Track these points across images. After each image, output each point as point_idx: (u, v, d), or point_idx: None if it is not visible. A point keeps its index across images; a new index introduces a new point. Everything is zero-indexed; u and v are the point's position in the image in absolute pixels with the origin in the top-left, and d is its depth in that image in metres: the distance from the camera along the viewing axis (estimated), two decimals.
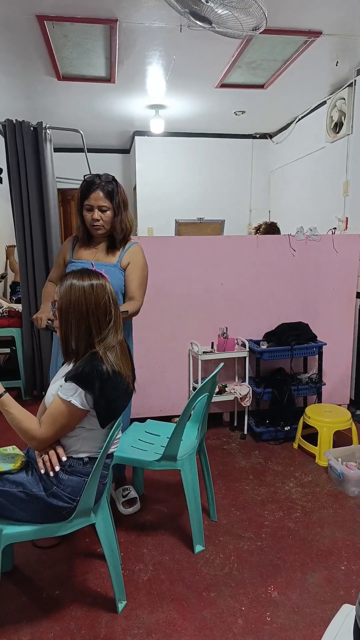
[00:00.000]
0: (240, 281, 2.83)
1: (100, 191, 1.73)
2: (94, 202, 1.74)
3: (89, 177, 1.79)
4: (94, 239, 1.86)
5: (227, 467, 2.40)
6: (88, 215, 1.77)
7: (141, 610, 1.46)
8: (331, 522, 1.91)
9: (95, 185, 1.74)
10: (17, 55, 2.81)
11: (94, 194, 1.73)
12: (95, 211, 1.75)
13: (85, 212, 1.78)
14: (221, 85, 3.34)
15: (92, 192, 1.74)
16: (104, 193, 1.74)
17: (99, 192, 1.73)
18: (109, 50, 2.75)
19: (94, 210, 1.75)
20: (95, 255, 1.84)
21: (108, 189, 1.75)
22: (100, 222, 1.77)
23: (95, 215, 1.75)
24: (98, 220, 1.76)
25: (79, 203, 1.79)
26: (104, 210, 1.76)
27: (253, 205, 4.97)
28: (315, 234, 2.87)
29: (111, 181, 1.78)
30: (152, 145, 4.69)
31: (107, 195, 1.74)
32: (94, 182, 1.75)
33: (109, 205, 1.75)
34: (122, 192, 1.80)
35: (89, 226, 1.80)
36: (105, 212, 1.76)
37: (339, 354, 3.00)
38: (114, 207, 1.77)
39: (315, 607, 1.47)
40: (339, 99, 3.29)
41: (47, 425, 1.28)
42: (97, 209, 1.75)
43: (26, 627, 1.40)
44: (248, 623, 1.41)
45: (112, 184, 1.77)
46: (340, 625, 0.99)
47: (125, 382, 1.34)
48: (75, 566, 1.67)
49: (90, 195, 1.74)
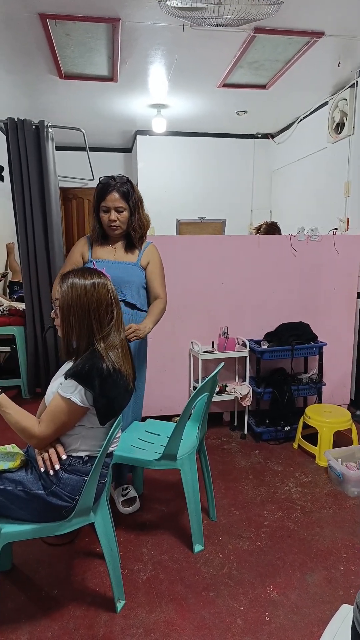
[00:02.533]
0: (241, 281, 2.83)
1: (116, 192, 1.79)
2: (110, 203, 1.79)
3: (104, 179, 1.84)
4: (111, 239, 1.91)
5: (227, 466, 2.39)
6: (105, 217, 1.82)
7: (140, 609, 1.46)
8: (331, 523, 1.91)
9: (111, 187, 1.79)
10: (19, 54, 2.81)
11: (110, 195, 1.79)
12: (112, 212, 1.80)
13: (102, 214, 1.83)
14: (223, 85, 3.34)
15: (108, 194, 1.79)
16: (120, 194, 1.79)
17: (115, 193, 1.79)
18: (111, 49, 2.75)
19: (111, 211, 1.80)
20: (115, 254, 1.89)
21: (124, 190, 1.80)
22: (117, 222, 1.82)
23: (112, 216, 1.80)
24: (115, 220, 1.81)
25: (94, 205, 1.84)
26: (120, 211, 1.81)
27: (254, 205, 4.97)
28: (317, 234, 2.87)
29: (126, 182, 1.83)
30: (154, 144, 4.69)
31: (123, 196, 1.80)
32: (109, 184, 1.80)
33: (125, 205, 1.81)
34: (137, 192, 1.86)
35: (107, 227, 1.85)
36: (122, 213, 1.82)
37: (339, 355, 3.00)
38: (130, 207, 1.82)
39: (314, 607, 1.46)
40: (341, 100, 3.28)
41: (46, 423, 1.28)
42: (114, 210, 1.80)
43: (25, 626, 1.40)
44: (247, 623, 1.40)
45: (127, 185, 1.82)
46: (339, 626, 0.99)
47: (125, 380, 1.34)
48: (74, 565, 1.67)
49: (106, 197, 1.79)
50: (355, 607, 0.84)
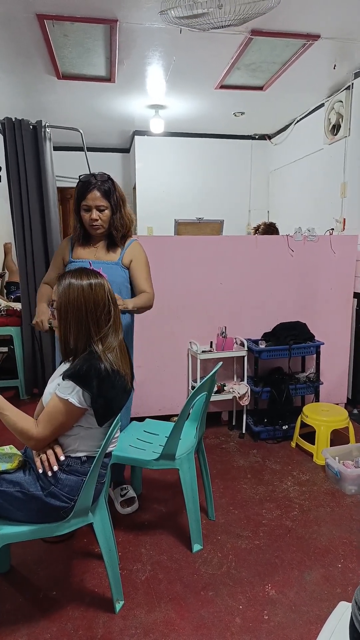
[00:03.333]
0: (239, 281, 2.83)
1: (97, 191, 1.73)
2: (91, 202, 1.74)
3: (84, 177, 1.77)
4: (92, 238, 1.85)
5: (226, 466, 2.40)
6: (86, 216, 1.77)
7: (139, 610, 1.46)
8: (328, 521, 1.91)
9: (92, 185, 1.73)
10: (17, 54, 2.81)
11: (91, 194, 1.73)
12: (94, 211, 1.75)
13: (83, 213, 1.77)
14: (221, 87, 3.35)
15: (88, 193, 1.73)
16: (100, 192, 1.73)
17: (95, 192, 1.73)
18: (109, 49, 2.76)
19: (92, 210, 1.75)
20: (96, 254, 1.84)
21: (104, 188, 1.74)
22: (99, 221, 1.77)
23: (93, 215, 1.75)
24: (97, 220, 1.76)
25: (75, 204, 1.78)
26: (101, 210, 1.76)
27: (252, 205, 4.98)
28: (313, 234, 2.88)
29: (107, 180, 1.77)
30: (152, 145, 4.70)
31: (104, 194, 1.74)
32: (90, 182, 1.74)
33: (106, 204, 1.75)
34: (118, 190, 1.80)
35: (88, 226, 1.79)
36: (103, 212, 1.76)
37: (336, 354, 3.01)
38: (112, 205, 1.77)
39: (312, 605, 1.47)
40: (337, 102, 3.30)
41: (44, 423, 1.28)
42: (95, 208, 1.75)
43: (23, 628, 1.39)
44: (246, 622, 1.41)
45: (108, 183, 1.76)
46: (336, 623, 0.99)
47: (123, 381, 1.34)
48: (72, 566, 1.67)
49: (87, 196, 1.73)
50: (354, 603, 0.84)
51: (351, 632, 0.86)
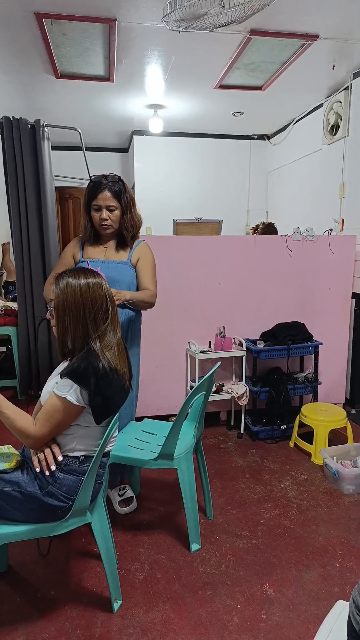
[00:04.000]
0: (238, 281, 2.84)
1: (108, 191, 1.77)
2: (102, 202, 1.78)
3: (95, 177, 1.82)
4: (102, 238, 1.89)
5: (224, 465, 2.40)
6: (96, 215, 1.81)
7: (137, 609, 1.45)
8: (326, 520, 1.92)
9: (103, 186, 1.77)
10: (15, 53, 2.80)
11: (102, 194, 1.77)
12: (104, 211, 1.79)
13: (93, 213, 1.81)
14: (220, 86, 3.35)
15: (99, 193, 1.77)
16: (111, 193, 1.77)
17: (106, 192, 1.77)
18: (108, 49, 2.75)
19: (102, 210, 1.79)
20: (105, 254, 1.88)
21: (115, 188, 1.79)
22: (109, 221, 1.81)
23: (103, 215, 1.79)
24: (106, 219, 1.80)
25: (86, 204, 1.82)
26: (112, 210, 1.80)
27: (251, 205, 4.99)
28: (312, 234, 2.88)
29: (117, 181, 1.81)
30: (151, 144, 4.69)
31: (114, 195, 1.78)
32: (101, 183, 1.78)
33: (116, 204, 1.79)
34: (128, 191, 1.84)
35: (98, 226, 1.83)
36: (114, 212, 1.81)
37: (334, 354, 3.01)
38: (122, 206, 1.81)
39: (310, 604, 1.47)
40: (336, 102, 3.31)
41: (42, 422, 1.28)
42: (105, 208, 1.79)
43: (21, 628, 1.39)
44: (244, 621, 1.41)
45: (118, 184, 1.81)
46: (334, 622, 1.00)
47: (121, 379, 1.34)
48: (70, 566, 1.66)
49: (98, 196, 1.77)
50: (352, 602, 0.84)
51: (349, 630, 0.86)
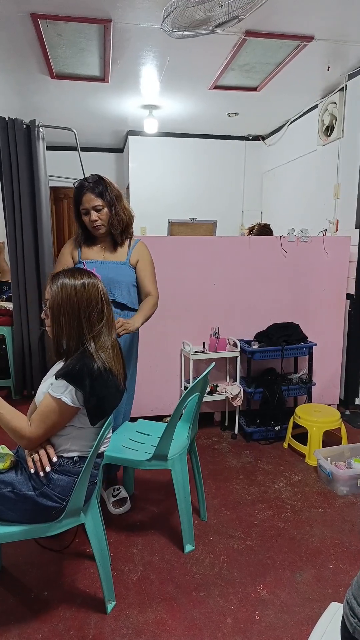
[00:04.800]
0: (232, 282, 2.84)
1: (90, 193, 1.80)
2: (87, 204, 1.81)
3: (77, 182, 1.86)
4: (97, 239, 1.92)
5: (218, 466, 2.40)
6: (87, 219, 1.84)
7: (131, 610, 1.45)
8: (320, 522, 1.92)
9: (85, 189, 1.81)
10: (10, 53, 2.79)
11: (85, 196, 1.81)
12: (92, 213, 1.81)
13: (83, 217, 1.85)
14: (214, 87, 3.36)
15: (83, 196, 1.81)
16: (94, 194, 1.80)
17: (89, 194, 1.80)
18: (103, 49, 2.75)
19: (90, 212, 1.82)
20: (103, 254, 1.91)
21: (97, 188, 1.82)
22: (99, 221, 1.83)
23: (92, 217, 1.82)
24: (97, 220, 1.82)
25: (75, 210, 1.86)
26: (99, 210, 1.82)
27: (245, 206, 5.00)
28: (307, 235, 2.90)
29: (98, 180, 1.84)
30: (146, 145, 4.69)
31: (97, 194, 1.81)
32: (82, 186, 1.82)
33: (102, 203, 1.82)
34: (112, 187, 1.86)
35: (91, 228, 1.86)
36: (101, 211, 1.83)
37: (329, 355, 3.03)
38: (107, 203, 1.82)
39: (303, 605, 1.48)
40: (331, 103, 3.33)
41: (37, 423, 1.27)
42: (93, 209, 1.81)
43: (14, 629, 1.38)
44: (237, 622, 1.41)
45: (100, 183, 1.83)
46: (328, 623, 1.00)
47: (116, 380, 1.34)
48: (64, 567, 1.66)
49: (82, 199, 1.81)
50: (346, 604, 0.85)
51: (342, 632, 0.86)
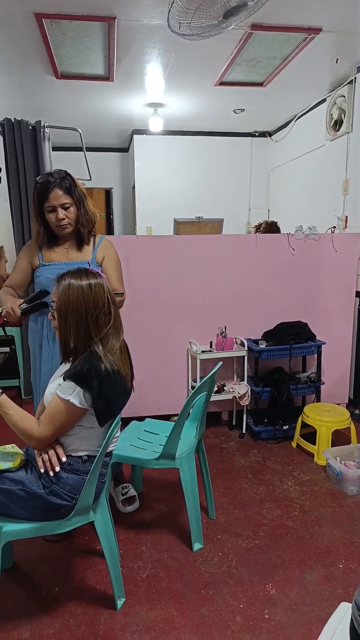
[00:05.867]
0: (239, 280, 2.83)
1: (58, 189, 1.66)
2: (55, 201, 1.66)
3: (40, 178, 1.69)
4: (59, 239, 1.78)
5: (226, 465, 2.40)
6: (52, 217, 1.69)
7: (140, 607, 1.47)
8: (329, 521, 1.92)
9: (52, 184, 1.66)
10: (15, 54, 2.81)
11: (53, 193, 1.66)
12: (59, 210, 1.67)
13: (48, 215, 1.69)
14: (220, 83, 3.34)
15: (50, 192, 1.66)
16: (62, 190, 1.67)
17: (57, 190, 1.66)
18: (108, 48, 2.75)
19: (57, 209, 1.67)
20: (68, 255, 1.77)
21: (65, 184, 1.68)
22: (67, 220, 1.69)
23: (60, 215, 1.67)
24: (64, 219, 1.68)
25: (37, 208, 1.70)
26: (66, 207, 1.68)
27: (252, 204, 4.97)
28: (315, 232, 2.87)
29: (65, 176, 1.69)
30: (151, 143, 4.68)
31: (66, 191, 1.67)
32: (49, 182, 1.66)
33: (70, 201, 1.68)
34: (78, 184, 1.73)
35: (55, 227, 1.72)
36: (69, 209, 1.69)
37: (337, 353, 3.00)
38: (75, 201, 1.70)
39: (313, 605, 1.47)
40: (339, 97, 3.28)
41: (46, 424, 1.29)
42: (60, 207, 1.67)
43: (26, 624, 1.41)
44: (246, 621, 1.41)
45: (67, 179, 1.69)
46: (337, 623, 0.99)
47: (123, 381, 1.34)
48: (74, 563, 1.68)
49: (49, 196, 1.66)
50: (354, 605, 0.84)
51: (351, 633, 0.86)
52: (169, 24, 1.90)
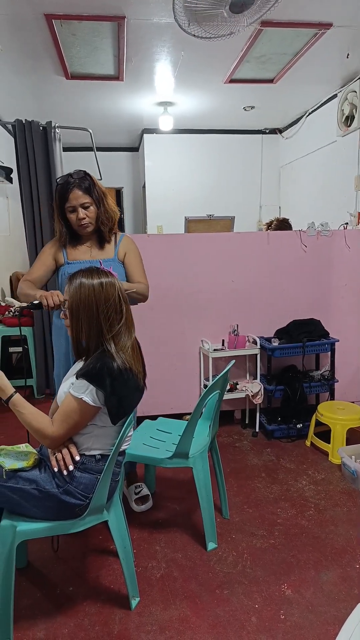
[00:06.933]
0: (251, 278, 2.81)
1: (78, 189, 1.70)
2: (75, 202, 1.70)
3: (60, 179, 1.74)
4: (82, 238, 1.82)
5: (239, 464, 2.39)
6: (73, 217, 1.73)
7: (154, 607, 1.46)
8: (345, 520, 1.89)
9: (71, 185, 1.70)
10: (26, 55, 2.83)
11: (72, 193, 1.70)
12: (80, 210, 1.71)
13: (69, 215, 1.74)
14: (230, 81, 3.32)
15: (70, 193, 1.70)
16: (81, 190, 1.71)
17: (76, 190, 1.70)
18: (117, 47, 2.75)
19: (78, 209, 1.71)
20: (90, 253, 1.82)
21: (85, 185, 1.71)
22: (87, 219, 1.73)
23: (80, 215, 1.72)
24: (84, 218, 1.73)
25: (58, 209, 1.75)
26: (86, 207, 1.72)
27: (263, 201, 4.93)
28: (327, 229, 2.83)
29: (84, 176, 1.73)
30: (161, 142, 4.69)
31: (85, 191, 1.71)
32: (68, 183, 1.71)
33: (90, 200, 1.72)
34: (98, 184, 1.76)
35: (77, 227, 1.76)
36: (89, 208, 1.73)
37: (351, 351, 2.96)
38: (95, 200, 1.73)
39: (329, 605, 1.45)
40: (350, 92, 3.23)
41: (59, 423, 1.29)
42: (80, 207, 1.71)
43: (41, 623, 1.41)
44: (262, 621, 1.40)
45: (86, 179, 1.73)
46: (355, 625, 0.97)
47: (136, 379, 1.34)
48: (88, 563, 1.68)
49: (69, 196, 1.70)
50: None
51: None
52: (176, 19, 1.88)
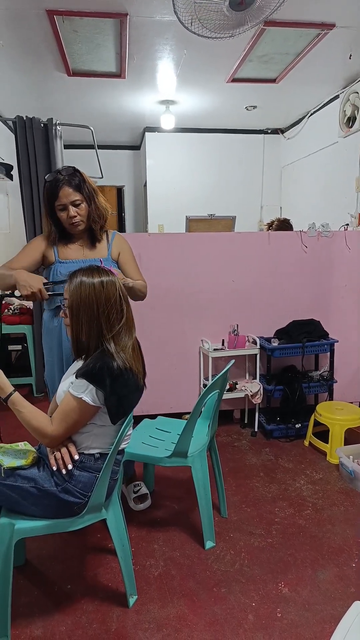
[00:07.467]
0: (252, 278, 2.81)
1: (68, 186, 1.63)
2: (65, 199, 1.63)
3: (49, 176, 1.67)
4: (73, 236, 1.76)
5: (238, 464, 2.39)
6: (64, 215, 1.67)
7: (152, 605, 1.47)
8: (342, 520, 1.90)
9: (61, 182, 1.63)
10: (27, 52, 2.82)
11: (62, 191, 1.63)
12: (70, 208, 1.64)
13: (59, 213, 1.67)
14: (232, 80, 3.31)
15: (60, 190, 1.63)
16: (72, 187, 1.64)
17: (66, 187, 1.63)
18: (119, 45, 2.74)
19: (68, 207, 1.64)
20: (83, 252, 1.76)
21: (75, 181, 1.64)
22: (79, 217, 1.67)
23: (71, 213, 1.65)
24: (75, 216, 1.66)
25: (47, 207, 1.68)
26: (77, 204, 1.65)
27: (264, 201, 4.93)
28: (328, 230, 2.83)
29: (73, 172, 1.66)
30: (163, 141, 4.68)
31: (75, 188, 1.64)
32: (58, 180, 1.64)
33: (80, 198, 1.66)
34: (88, 180, 1.70)
35: (68, 225, 1.69)
36: (80, 206, 1.66)
37: (350, 351, 2.96)
38: (85, 197, 1.67)
39: (325, 604, 1.46)
40: (352, 93, 3.23)
41: (58, 422, 1.29)
42: (71, 205, 1.64)
43: (38, 621, 1.42)
44: (258, 619, 1.41)
45: (76, 176, 1.66)
46: (351, 623, 0.98)
47: (136, 379, 1.34)
48: (86, 561, 1.69)
49: (59, 194, 1.63)
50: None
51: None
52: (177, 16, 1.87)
